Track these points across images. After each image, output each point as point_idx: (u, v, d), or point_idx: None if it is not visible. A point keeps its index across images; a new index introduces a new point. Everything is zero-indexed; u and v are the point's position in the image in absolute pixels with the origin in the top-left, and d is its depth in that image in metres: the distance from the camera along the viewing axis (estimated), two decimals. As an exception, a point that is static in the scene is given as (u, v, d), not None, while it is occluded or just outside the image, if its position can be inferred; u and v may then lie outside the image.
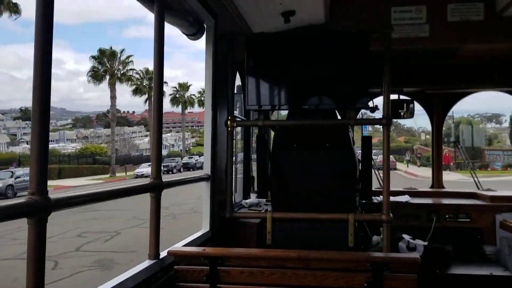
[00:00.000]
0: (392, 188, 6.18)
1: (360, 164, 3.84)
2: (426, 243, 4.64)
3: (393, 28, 3.41)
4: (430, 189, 6.10)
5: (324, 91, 3.65)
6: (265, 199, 4.52)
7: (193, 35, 3.38)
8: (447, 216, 5.25)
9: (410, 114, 6.01)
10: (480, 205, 5.31)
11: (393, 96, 5.96)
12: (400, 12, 4.93)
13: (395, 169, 42.17)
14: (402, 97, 5.97)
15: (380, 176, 5.58)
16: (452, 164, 40.55)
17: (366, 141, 3.85)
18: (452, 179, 27.51)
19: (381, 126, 3.48)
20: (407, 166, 47.58)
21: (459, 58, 5.53)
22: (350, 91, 3.58)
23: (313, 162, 3.71)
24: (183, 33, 3.35)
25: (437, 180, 6.11)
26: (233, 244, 3.62)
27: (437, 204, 5.39)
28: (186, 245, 2.98)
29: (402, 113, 6.01)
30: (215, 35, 3.52)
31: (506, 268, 4.69)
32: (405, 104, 5.93)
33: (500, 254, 5.00)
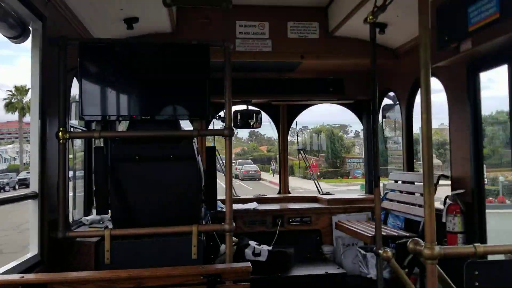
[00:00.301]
0: (243, 196, 6.40)
1: (204, 175, 3.85)
2: (270, 248, 4.85)
3: (232, 41, 3.50)
4: (277, 195, 6.42)
5: (165, 101, 3.58)
6: (108, 215, 4.28)
7: (16, 37, 3.04)
8: (290, 220, 5.58)
9: (259, 124, 6.28)
10: (319, 208, 5.75)
11: (243, 107, 6.18)
12: (245, 27, 5.13)
13: (260, 179, 40.64)
14: (250, 107, 6.21)
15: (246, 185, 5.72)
16: (318, 173, 39.68)
17: (210, 152, 3.88)
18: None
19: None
20: (273, 175, 46.60)
21: (300, 72, 5.96)
22: (191, 102, 3.57)
23: (156, 174, 3.61)
24: (3, 35, 3.00)
25: (283, 186, 6.46)
26: (69, 267, 3.33)
27: (282, 209, 5.70)
28: (3, 273, 2.64)
29: (251, 123, 6.26)
30: (43, 39, 3.22)
31: (340, 266, 5.15)
32: (254, 115, 6.18)
33: (335, 252, 5.47)
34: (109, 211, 3.65)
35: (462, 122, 4.07)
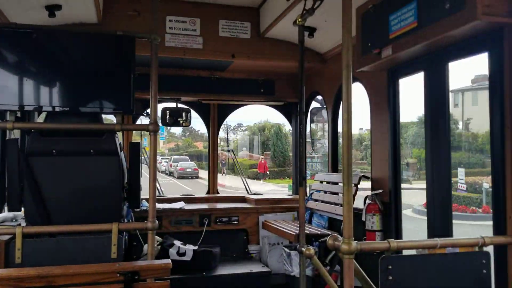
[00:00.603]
0: (170, 196, 6.27)
1: (127, 171, 3.72)
2: (196, 247, 4.79)
3: (160, 34, 3.41)
4: (205, 195, 6.37)
5: (87, 93, 3.42)
6: (22, 213, 4.00)
7: None
8: (218, 219, 5.56)
9: (188, 122, 6.20)
10: (247, 208, 5.78)
11: (172, 105, 6.07)
12: (176, 22, 5.04)
13: (197, 177, 36.98)
14: (180, 105, 6.11)
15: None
16: (267, 172, 37.55)
17: (134, 148, 3.76)
18: (266, 189, 25.44)
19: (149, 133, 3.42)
20: (222, 174, 40.68)
21: (231, 72, 5.97)
22: (115, 95, 3.44)
23: (75, 170, 3.43)
24: None
25: (212, 185, 6.42)
26: None
27: (210, 209, 5.66)
28: None
29: (181, 121, 6.15)
30: None
31: (265, 265, 5.20)
32: (183, 113, 6.09)
33: (261, 251, 5.52)
34: (22, 208, 3.42)
35: (382, 126, 4.27)
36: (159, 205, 5.41)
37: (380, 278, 2.49)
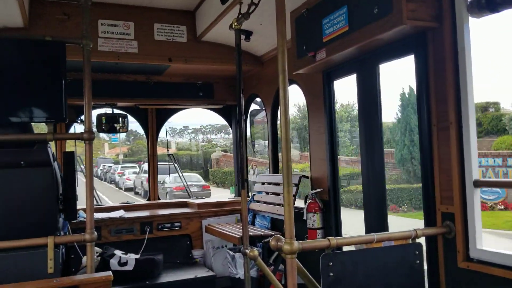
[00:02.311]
0: (108, 204, 6.08)
1: (62, 182, 3.56)
2: (138, 256, 4.68)
3: (92, 39, 3.29)
4: (146, 202, 6.24)
5: (16, 102, 3.24)
6: None
7: None
8: (160, 226, 5.46)
9: (126, 128, 6.04)
10: (189, 212, 5.73)
11: (108, 110, 5.89)
12: (108, 26, 4.89)
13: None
14: (116, 111, 5.94)
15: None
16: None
17: (68, 157, 3.60)
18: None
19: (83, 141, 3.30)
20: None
21: (169, 76, 5.89)
22: (46, 103, 3.28)
23: (5, 183, 3.23)
24: None
25: (153, 192, 6.30)
26: None
27: (151, 215, 5.55)
28: None
29: (118, 127, 5.98)
30: None
31: (210, 269, 5.18)
32: (120, 118, 5.92)
33: (206, 256, 5.49)
34: None
35: (319, 127, 4.39)
36: (98, 215, 5.22)
37: (322, 275, 2.56)
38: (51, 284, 2.25)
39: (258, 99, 6.17)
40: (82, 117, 5.88)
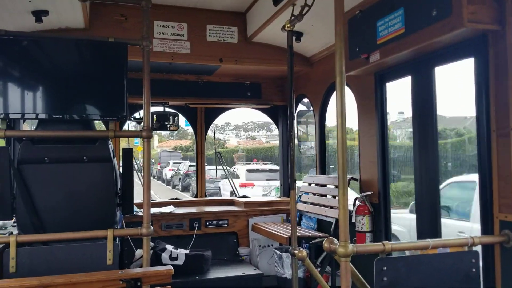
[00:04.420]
0: (158, 200, 6.27)
1: (121, 178, 3.72)
2: (188, 251, 4.81)
3: (151, 41, 3.41)
4: (194, 199, 6.38)
5: (79, 100, 3.41)
6: (12, 221, 3.96)
7: None
8: (207, 223, 5.58)
9: (176, 126, 6.20)
10: (236, 210, 5.82)
11: (159, 109, 6.07)
12: (163, 27, 5.05)
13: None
14: (167, 109, 6.11)
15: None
16: None
17: (127, 154, 3.75)
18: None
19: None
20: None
21: (218, 76, 6.00)
22: (106, 101, 3.44)
23: (68, 177, 3.42)
24: None
25: (200, 189, 6.44)
26: None
27: (200, 212, 5.68)
28: None
29: (168, 125, 6.15)
30: None
31: (256, 267, 5.25)
32: (170, 117, 6.09)
33: (252, 254, 5.56)
34: (14, 216, 3.38)
35: (370, 129, 4.35)
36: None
37: (376, 279, 2.55)
38: (117, 275, 2.37)
39: (305, 100, 6.18)
40: (135, 114, 6.12)
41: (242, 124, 73.90)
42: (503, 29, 2.77)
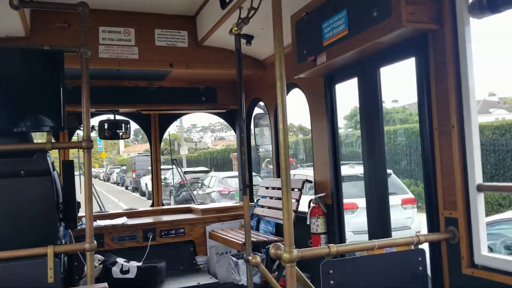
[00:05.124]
0: (112, 211, 6.07)
1: (62, 191, 3.56)
2: (140, 264, 4.66)
3: (89, 47, 3.27)
4: (150, 208, 6.22)
5: (17, 112, 3.24)
6: None
7: None
8: (163, 233, 5.44)
9: (128, 134, 6.04)
10: (193, 218, 5.70)
11: (110, 117, 5.90)
12: (109, 32, 4.89)
13: None
14: (118, 117, 5.94)
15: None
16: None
17: (68, 166, 3.60)
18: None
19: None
20: None
21: (171, 81, 5.88)
22: (41, 112, 3.27)
23: (5, 193, 3.23)
24: None
25: (156, 198, 6.28)
26: None
27: (154, 222, 5.53)
28: None
29: (120, 134, 5.98)
30: None
31: (214, 275, 5.15)
32: (122, 125, 5.93)
33: (210, 262, 5.46)
34: None
35: (321, 131, 4.35)
36: (101, 222, 5.23)
37: (322, 282, 2.52)
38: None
39: (262, 103, 6.14)
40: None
41: (209, 125, 73.27)
42: (442, 28, 2.81)
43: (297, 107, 4.91)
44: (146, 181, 25.35)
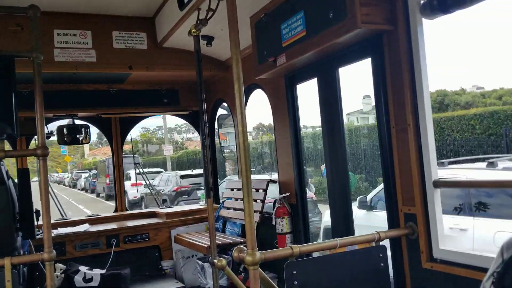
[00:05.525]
0: (73, 218, 5.91)
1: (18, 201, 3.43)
2: (104, 271, 4.56)
3: (41, 52, 3.16)
4: (113, 214, 6.09)
5: None
6: None
7: None
8: (127, 238, 5.33)
9: (88, 139, 5.91)
10: (157, 223, 5.62)
11: (68, 122, 5.75)
12: (64, 35, 4.75)
13: None
14: (78, 121, 5.79)
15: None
16: None
17: (23, 174, 3.47)
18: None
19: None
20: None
21: (131, 83, 5.77)
22: None
23: None
24: None
25: (119, 203, 6.16)
26: None
27: (117, 228, 5.42)
28: None
29: (80, 138, 5.84)
30: None
31: (180, 280, 5.09)
32: (82, 129, 5.79)
33: (176, 267, 5.39)
34: None
35: (284, 131, 4.37)
36: (62, 230, 5.08)
37: (286, 284, 2.53)
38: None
39: (225, 104, 6.12)
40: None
41: (175, 126, 72.30)
42: (396, 29, 2.87)
43: (266, 107, 4.91)
44: (127, 188, 18.56)
